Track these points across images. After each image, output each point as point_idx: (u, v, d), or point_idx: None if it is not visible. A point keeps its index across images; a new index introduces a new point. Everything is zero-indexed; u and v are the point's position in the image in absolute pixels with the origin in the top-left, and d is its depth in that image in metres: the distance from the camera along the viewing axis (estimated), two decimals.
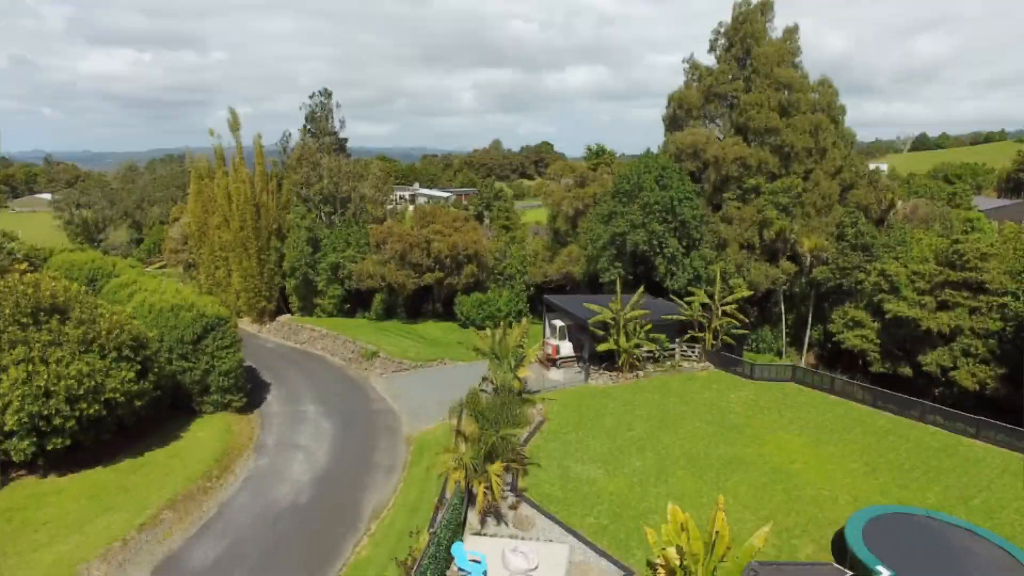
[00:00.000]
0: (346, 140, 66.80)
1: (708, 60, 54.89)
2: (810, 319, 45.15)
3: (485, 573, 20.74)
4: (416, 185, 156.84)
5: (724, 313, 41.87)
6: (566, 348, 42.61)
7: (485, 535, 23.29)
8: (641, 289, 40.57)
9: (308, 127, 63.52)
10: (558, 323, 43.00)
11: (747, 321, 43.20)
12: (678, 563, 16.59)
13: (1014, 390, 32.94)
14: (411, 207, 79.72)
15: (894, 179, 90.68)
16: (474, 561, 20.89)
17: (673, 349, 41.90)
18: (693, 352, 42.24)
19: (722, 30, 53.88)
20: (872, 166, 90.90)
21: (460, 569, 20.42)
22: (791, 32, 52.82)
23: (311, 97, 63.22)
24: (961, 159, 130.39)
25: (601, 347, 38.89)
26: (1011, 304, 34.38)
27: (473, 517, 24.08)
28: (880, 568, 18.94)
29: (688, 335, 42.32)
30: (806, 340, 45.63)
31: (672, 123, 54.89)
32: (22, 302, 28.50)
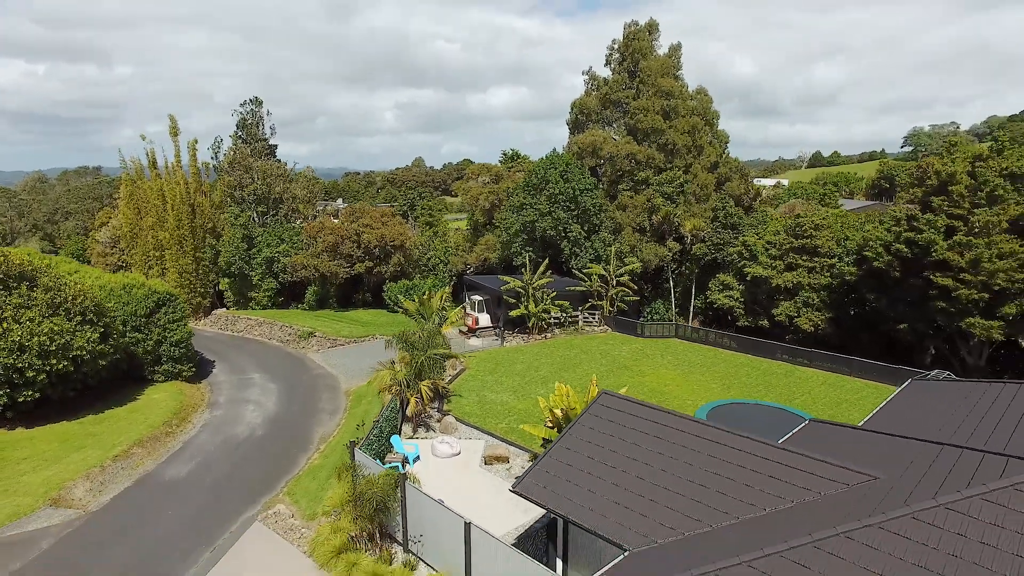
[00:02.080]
0: (276, 146, 70.72)
1: (605, 72, 62.89)
2: (693, 289, 52.99)
3: (418, 457, 26.13)
4: (339, 201, 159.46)
5: (619, 283, 49.01)
6: (484, 319, 48.47)
7: (417, 439, 28.64)
8: (546, 261, 47.11)
9: (239, 133, 67.13)
10: (477, 298, 48.88)
11: (636, 289, 50.52)
12: (562, 415, 22.61)
13: (837, 330, 41.49)
14: (335, 219, 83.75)
15: (791, 189, 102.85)
16: (408, 450, 26.20)
17: (577, 315, 48.58)
18: (593, 318, 49.08)
19: (616, 46, 61.92)
20: (773, 181, 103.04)
21: (397, 452, 25.67)
22: (675, 49, 61.30)
23: (242, 105, 67.06)
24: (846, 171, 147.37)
25: (514, 312, 45.03)
26: (837, 264, 43.07)
27: (407, 428, 29.37)
28: None
29: (589, 303, 49.19)
30: (691, 308, 53.40)
31: (575, 126, 62.36)
32: None
